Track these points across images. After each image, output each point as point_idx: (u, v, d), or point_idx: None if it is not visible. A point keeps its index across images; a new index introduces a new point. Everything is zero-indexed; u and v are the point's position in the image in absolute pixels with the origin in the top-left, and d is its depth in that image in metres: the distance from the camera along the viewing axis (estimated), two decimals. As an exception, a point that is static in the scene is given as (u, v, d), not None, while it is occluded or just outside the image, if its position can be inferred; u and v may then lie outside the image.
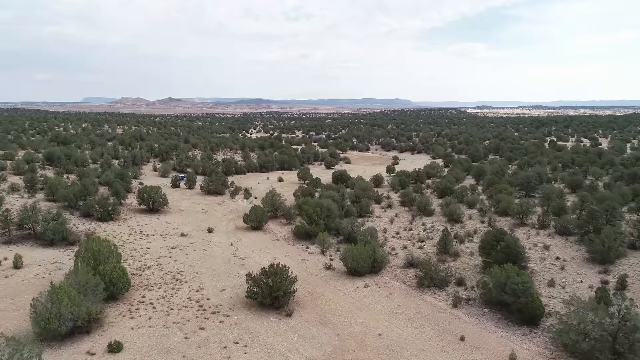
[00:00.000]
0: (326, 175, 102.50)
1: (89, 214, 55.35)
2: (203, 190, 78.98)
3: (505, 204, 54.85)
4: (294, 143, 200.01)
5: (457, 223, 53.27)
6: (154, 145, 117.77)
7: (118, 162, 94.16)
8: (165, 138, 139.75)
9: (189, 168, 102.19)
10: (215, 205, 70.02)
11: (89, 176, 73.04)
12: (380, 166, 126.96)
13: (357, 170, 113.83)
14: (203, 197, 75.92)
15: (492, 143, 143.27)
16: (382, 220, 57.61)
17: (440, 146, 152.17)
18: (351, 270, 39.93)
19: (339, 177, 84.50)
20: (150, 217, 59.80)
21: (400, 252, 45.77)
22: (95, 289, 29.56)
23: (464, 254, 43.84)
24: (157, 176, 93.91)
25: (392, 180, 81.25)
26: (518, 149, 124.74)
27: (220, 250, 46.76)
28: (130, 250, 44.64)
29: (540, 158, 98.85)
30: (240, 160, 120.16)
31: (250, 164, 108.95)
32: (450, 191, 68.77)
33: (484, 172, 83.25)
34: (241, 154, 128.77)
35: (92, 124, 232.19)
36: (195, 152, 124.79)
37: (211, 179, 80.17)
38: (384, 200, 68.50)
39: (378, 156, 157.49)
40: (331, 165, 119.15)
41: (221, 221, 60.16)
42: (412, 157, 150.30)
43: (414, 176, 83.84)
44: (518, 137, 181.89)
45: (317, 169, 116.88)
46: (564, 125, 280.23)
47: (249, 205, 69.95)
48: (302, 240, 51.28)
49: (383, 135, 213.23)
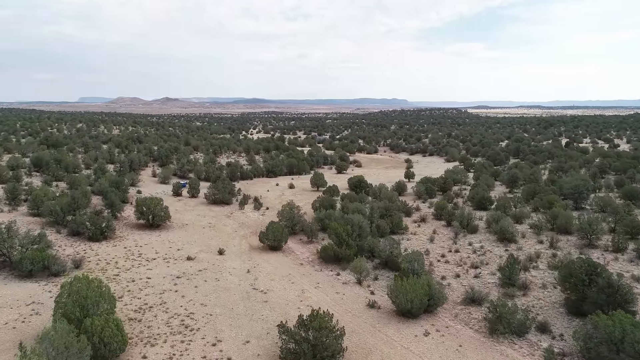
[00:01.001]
0: (339, 181, 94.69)
1: (78, 232, 47.28)
2: (208, 200, 70.97)
3: (564, 219, 47.15)
4: (297, 144, 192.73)
5: (510, 243, 45.50)
6: (152, 148, 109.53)
7: (114, 167, 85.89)
8: (164, 140, 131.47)
9: (192, 173, 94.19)
10: (223, 218, 62.05)
11: (80, 184, 64.98)
12: (394, 170, 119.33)
13: (371, 174, 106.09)
14: (208, 208, 67.94)
15: (511, 145, 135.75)
16: (420, 239, 49.77)
17: (454, 148, 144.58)
18: (402, 311, 32.10)
19: (357, 184, 76.70)
20: (151, 235, 51.77)
21: (453, 283, 37.96)
22: (79, 355, 21.63)
23: (534, 286, 36.02)
24: (156, 183, 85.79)
25: (417, 188, 73.46)
26: (540, 151, 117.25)
27: (236, 279, 38.81)
28: (128, 282, 36.61)
29: (572, 162, 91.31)
30: (246, 164, 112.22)
31: (257, 169, 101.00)
32: (488, 202, 61.04)
33: (516, 178, 75.56)
34: (246, 157, 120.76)
35: (87, 124, 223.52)
36: (196, 156, 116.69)
37: (217, 186, 72.20)
38: (413, 212, 60.71)
39: (388, 159, 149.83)
40: (342, 170, 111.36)
41: (232, 238, 52.20)
42: (424, 160, 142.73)
43: (440, 183, 76.06)
44: (529, 138, 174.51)
45: (328, 174, 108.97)
46: (573, 125, 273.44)
47: (260, 218, 62.26)
48: (330, 265, 43.42)
49: (390, 137, 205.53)
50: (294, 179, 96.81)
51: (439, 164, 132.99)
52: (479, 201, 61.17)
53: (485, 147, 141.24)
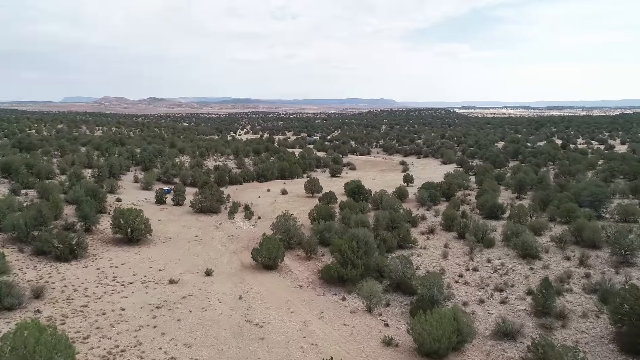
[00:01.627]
0: (334, 185, 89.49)
1: (44, 251, 41.30)
2: (194, 208, 65.15)
3: (591, 232, 42.52)
4: (287, 146, 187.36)
5: (534, 259, 40.70)
6: (135, 151, 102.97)
7: (92, 172, 79.34)
8: (148, 142, 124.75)
9: (177, 178, 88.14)
10: (211, 230, 56.38)
11: (52, 193, 58.76)
12: (390, 173, 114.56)
13: (367, 178, 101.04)
14: (195, 218, 62.19)
15: (509, 147, 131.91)
16: (431, 254, 44.76)
17: (450, 150, 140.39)
18: (427, 352, 26.97)
19: (355, 191, 71.48)
20: (129, 251, 45.93)
21: (478, 310, 32.98)
22: None
23: (573, 314, 31.18)
24: (138, 189, 79.58)
25: (419, 194, 68.51)
26: (540, 153, 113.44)
27: (226, 308, 33.32)
28: (97, 315, 30.89)
29: (578, 165, 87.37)
30: (235, 167, 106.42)
31: (246, 173, 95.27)
32: (500, 210, 56.31)
33: (525, 183, 71.11)
34: (235, 160, 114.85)
35: (68, 125, 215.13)
36: (182, 159, 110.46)
37: (204, 193, 66.46)
38: (419, 221, 55.69)
39: (383, 161, 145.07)
40: (336, 173, 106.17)
41: (221, 255, 46.63)
42: (419, 162, 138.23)
43: (444, 189, 71.24)
44: (524, 139, 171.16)
45: (322, 177, 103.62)
46: (564, 126, 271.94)
47: (252, 229, 56.83)
48: (333, 287, 38.17)
49: (382, 137, 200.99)
50: (287, 184, 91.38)
51: (435, 166, 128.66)
52: (490, 210, 56.39)
53: (482, 149, 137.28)
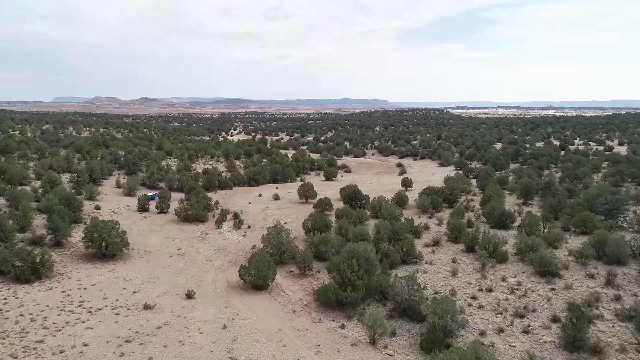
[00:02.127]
0: (329, 190, 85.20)
1: (2, 271, 36.47)
2: (179, 217, 60.38)
3: (615, 246, 38.45)
4: (280, 147, 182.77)
5: (554, 277, 36.53)
6: (119, 153, 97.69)
7: (70, 177, 74.11)
8: (134, 144, 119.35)
9: (163, 183, 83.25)
10: (196, 241, 51.72)
11: (22, 201, 53.78)
12: (387, 176, 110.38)
13: (363, 182, 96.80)
14: (179, 227, 57.46)
15: (509, 148, 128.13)
16: (439, 270, 40.45)
17: (448, 151, 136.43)
18: (445, 400, 22.61)
19: (351, 197, 67.08)
20: (102, 269, 41.17)
21: (498, 342, 28.69)
22: None
23: (610, 349, 26.95)
24: (120, 195, 74.55)
25: (420, 200, 64.22)
26: (542, 155, 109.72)
27: (208, 342, 28.74)
28: (53, 354, 26.17)
29: (583, 168, 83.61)
30: (225, 171, 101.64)
31: (237, 177, 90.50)
32: (509, 219, 52.17)
33: (531, 188, 67.10)
34: (225, 162, 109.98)
35: (54, 126, 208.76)
36: (170, 162, 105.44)
37: (190, 200, 61.77)
38: (423, 231, 51.41)
39: (378, 163, 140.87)
40: (331, 176, 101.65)
41: (205, 272, 42.02)
42: (416, 164, 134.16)
43: (446, 194, 67.06)
44: (522, 140, 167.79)
45: (316, 181, 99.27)
46: (560, 126, 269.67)
47: (241, 240, 52.32)
48: (330, 311, 33.77)
49: (377, 138, 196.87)
50: (279, 188, 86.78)
51: (433, 168, 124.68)
52: (498, 218, 52.24)
53: (480, 150, 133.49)
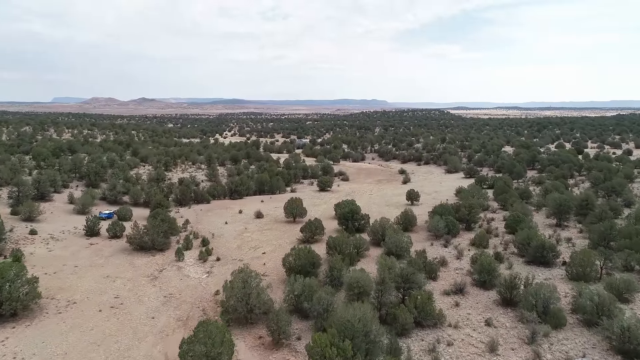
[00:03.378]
0: (322, 204, 73.42)
1: None
2: (132, 244, 48.45)
3: None
4: (274, 150, 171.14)
5: None
6: (82, 161, 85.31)
7: (9, 191, 61.74)
8: (105, 149, 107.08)
9: (127, 196, 71.29)
10: (144, 283, 39.74)
11: None
12: (389, 185, 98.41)
13: (361, 193, 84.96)
14: (129, 260, 45.50)
15: (522, 153, 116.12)
16: (469, 340, 28.44)
17: (455, 156, 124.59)
18: None
19: (348, 216, 55.15)
20: (-8, 337, 29.21)
21: None
22: None
23: None
24: (71, 213, 62.36)
25: (432, 223, 52.15)
26: (563, 161, 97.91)
27: None
28: None
29: (618, 179, 71.78)
30: (205, 179, 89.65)
31: (216, 188, 78.45)
32: (552, 252, 40.20)
33: (567, 206, 55.02)
34: (206, 170, 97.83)
35: (34, 127, 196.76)
36: (142, 170, 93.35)
37: (150, 223, 49.90)
38: (439, 269, 39.42)
39: (379, 168, 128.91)
40: (326, 187, 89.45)
41: (140, 341, 30.01)
42: (420, 170, 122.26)
43: (463, 214, 54.97)
44: (531, 143, 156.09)
45: (308, 192, 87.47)
46: (569, 128, 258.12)
47: (204, 280, 40.57)
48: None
49: (377, 141, 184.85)
50: (265, 202, 74.83)
51: (439, 175, 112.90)
52: (537, 252, 40.28)
53: (491, 155, 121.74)
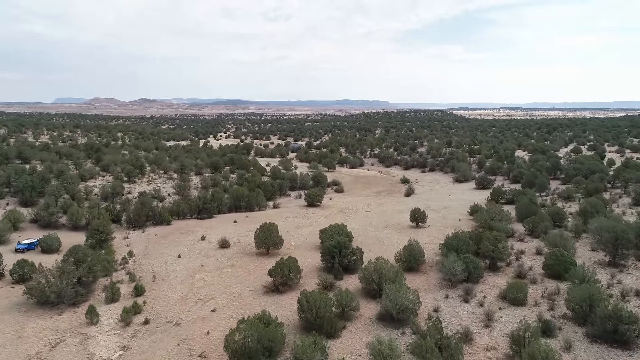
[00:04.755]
0: (308, 226, 60.07)
1: None
2: (33, 296, 35.06)
3: None
4: (265, 154, 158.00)
5: None
6: (22, 172, 71.61)
7: None
8: (61, 155, 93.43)
9: (65, 216, 57.90)
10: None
11: None
12: (389, 198, 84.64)
13: (356, 209, 71.52)
14: (21, 322, 32.16)
15: (541, 159, 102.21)
16: None
17: (463, 163, 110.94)
18: None
19: (334, 251, 41.71)
20: None
21: None
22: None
23: None
24: (-18, 243, 49.20)
25: (447, 264, 38.42)
26: (591, 171, 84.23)
27: None
28: None
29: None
30: (173, 192, 76.25)
31: (180, 206, 64.92)
32: (632, 324, 26.66)
33: (625, 239, 41.22)
34: (177, 181, 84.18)
35: (10, 129, 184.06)
36: (99, 182, 79.88)
37: (54, 270, 36.54)
38: (461, 353, 25.83)
39: (378, 176, 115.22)
40: (315, 201, 75.68)
41: None
42: (425, 179, 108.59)
43: (487, 249, 41.39)
44: (548, 147, 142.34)
45: (294, 206, 74.10)
46: (580, 129, 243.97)
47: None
48: None
49: (378, 144, 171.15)
50: (238, 223, 61.39)
51: (447, 185, 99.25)
52: (608, 324, 26.72)
53: (504, 161, 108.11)
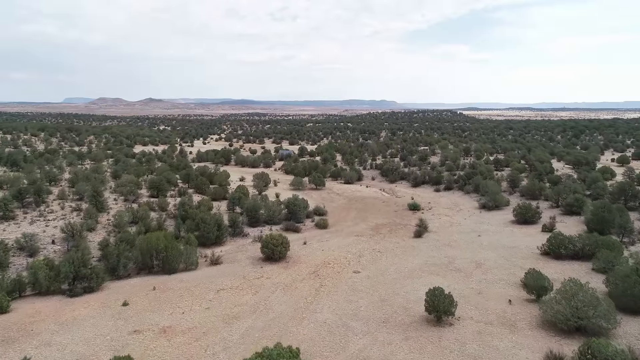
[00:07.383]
0: (249, 314, 33.87)
1: None
2: None
3: None
4: (247, 163, 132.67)
5: None
6: None
7: None
8: None
9: None
10: None
11: None
12: (391, 238, 57.86)
13: (339, 267, 45.27)
14: None
15: (589, 176, 75.10)
16: None
17: (492, 182, 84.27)
18: None
19: None
20: None
21: None
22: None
23: None
24: None
25: None
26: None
27: None
28: None
29: None
30: (61, 238, 50.41)
31: (36, 275, 38.92)
32: None
33: None
34: (74, 218, 58.18)
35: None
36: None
37: None
38: None
39: (379, 198, 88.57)
40: (275, 253, 48.84)
41: None
42: (441, 203, 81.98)
43: None
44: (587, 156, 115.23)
45: (244, 261, 47.80)
46: (612, 133, 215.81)
47: None
48: None
49: (382, 151, 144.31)
50: (129, 305, 35.48)
51: (470, 213, 72.64)
52: None
53: (545, 179, 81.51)
